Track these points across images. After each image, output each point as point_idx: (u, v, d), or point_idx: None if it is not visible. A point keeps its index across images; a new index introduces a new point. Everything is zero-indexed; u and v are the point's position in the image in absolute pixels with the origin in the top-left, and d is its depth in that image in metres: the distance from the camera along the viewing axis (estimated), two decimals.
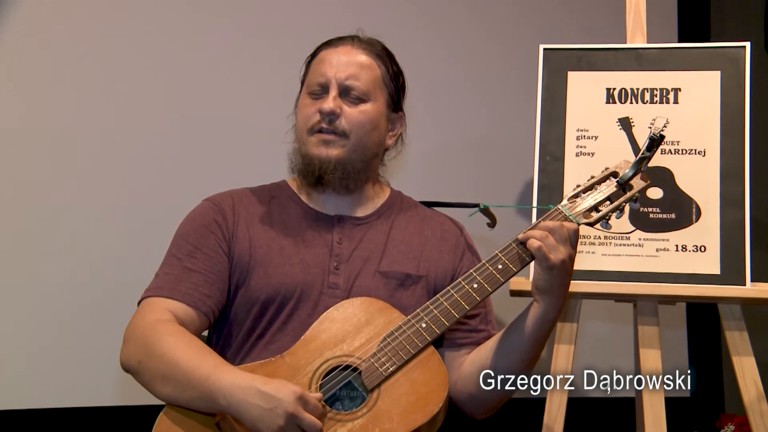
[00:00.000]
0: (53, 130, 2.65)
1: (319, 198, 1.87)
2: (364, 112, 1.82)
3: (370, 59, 1.85)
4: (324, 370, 1.64)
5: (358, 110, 1.81)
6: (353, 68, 1.82)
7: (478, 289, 1.68)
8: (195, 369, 1.60)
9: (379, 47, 1.89)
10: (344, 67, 1.82)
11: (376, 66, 1.85)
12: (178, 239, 1.82)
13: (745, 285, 2.10)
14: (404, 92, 1.93)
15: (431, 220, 1.92)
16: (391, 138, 1.90)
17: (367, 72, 1.83)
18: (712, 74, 2.21)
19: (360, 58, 1.84)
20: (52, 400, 2.59)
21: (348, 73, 1.82)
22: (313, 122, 1.81)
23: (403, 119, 1.93)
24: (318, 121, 1.81)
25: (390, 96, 1.87)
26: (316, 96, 1.83)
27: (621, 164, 1.77)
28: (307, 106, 1.83)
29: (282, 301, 1.76)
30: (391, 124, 1.89)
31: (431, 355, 1.67)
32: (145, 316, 1.71)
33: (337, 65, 1.82)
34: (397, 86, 1.89)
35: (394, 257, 1.83)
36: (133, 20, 2.75)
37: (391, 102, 1.88)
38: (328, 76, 1.81)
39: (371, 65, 1.84)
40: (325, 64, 1.83)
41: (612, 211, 1.73)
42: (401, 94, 1.91)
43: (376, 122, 1.84)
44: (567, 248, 1.64)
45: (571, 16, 3.13)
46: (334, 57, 1.83)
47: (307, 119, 1.83)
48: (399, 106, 1.91)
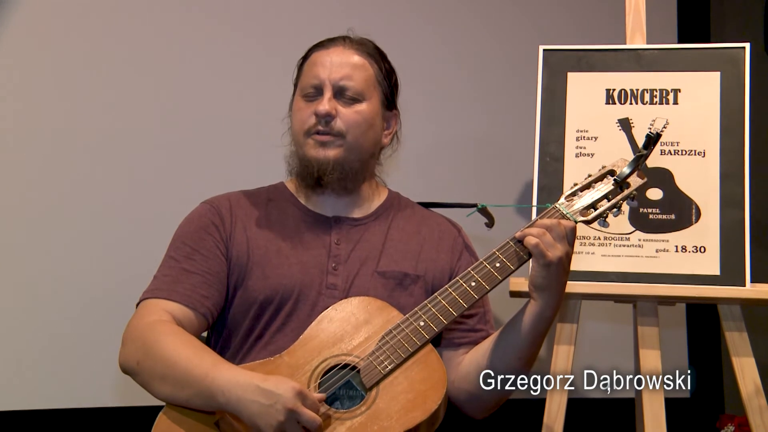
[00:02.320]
0: (52, 131, 2.65)
1: (317, 199, 1.87)
2: (359, 112, 1.82)
3: (363, 59, 1.85)
4: (323, 369, 1.64)
5: (353, 110, 1.82)
6: (346, 69, 1.83)
7: (476, 287, 1.68)
8: (193, 367, 1.60)
9: (371, 46, 1.89)
10: (337, 68, 1.82)
11: (368, 65, 1.85)
12: (176, 241, 1.83)
13: (745, 286, 2.10)
14: (398, 90, 1.93)
15: (429, 220, 1.93)
16: (387, 136, 1.91)
17: (361, 72, 1.84)
18: (711, 75, 2.22)
19: (353, 58, 1.84)
20: (52, 401, 2.59)
21: (342, 73, 1.82)
22: (309, 125, 1.82)
23: (398, 117, 1.93)
24: (314, 123, 1.81)
25: (384, 94, 1.88)
26: (310, 98, 1.83)
27: (618, 162, 1.77)
28: (302, 109, 1.84)
29: (280, 302, 1.76)
30: (386, 122, 1.90)
31: (429, 353, 1.67)
32: (143, 318, 1.72)
33: (330, 66, 1.82)
34: (391, 84, 1.90)
35: (392, 257, 1.83)
36: (131, 22, 2.75)
37: (386, 100, 1.88)
38: (322, 78, 1.82)
39: (364, 65, 1.85)
40: (318, 65, 1.84)
41: (609, 209, 1.73)
42: (395, 92, 1.92)
43: (371, 121, 1.84)
44: (564, 245, 1.65)
45: (571, 17, 3.13)
46: (327, 58, 1.84)
47: (302, 122, 1.83)
48: (393, 104, 1.92)
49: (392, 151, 1.96)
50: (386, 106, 1.89)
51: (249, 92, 2.81)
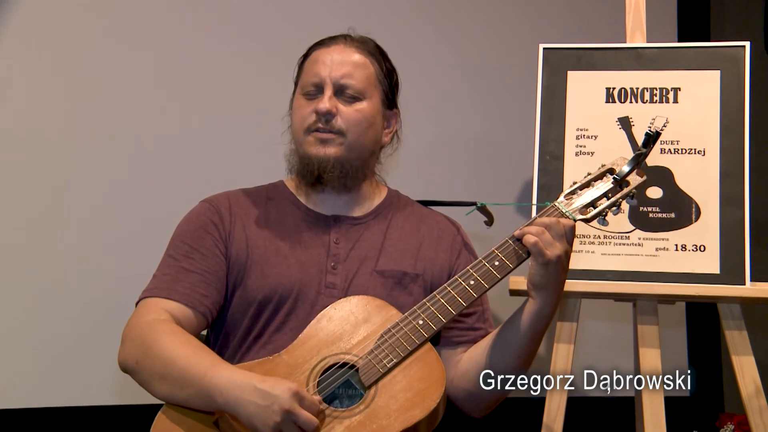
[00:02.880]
0: (52, 131, 2.65)
1: (317, 198, 1.87)
2: (359, 111, 1.82)
3: (364, 57, 1.85)
4: (321, 368, 1.64)
5: (353, 108, 1.82)
6: (347, 67, 1.82)
7: (474, 285, 1.68)
8: (192, 367, 1.60)
9: (372, 45, 1.89)
10: (338, 67, 1.82)
11: (369, 64, 1.85)
12: (175, 240, 1.82)
13: (745, 284, 2.10)
14: (398, 89, 1.93)
15: (428, 219, 1.92)
16: (387, 135, 1.91)
17: (361, 70, 1.84)
18: (711, 74, 2.21)
19: (353, 56, 1.84)
20: (51, 400, 2.59)
21: (342, 72, 1.82)
22: (309, 122, 1.82)
23: (398, 116, 1.93)
24: (314, 120, 1.81)
25: (384, 93, 1.87)
26: (310, 96, 1.83)
27: (618, 161, 1.77)
28: (303, 107, 1.84)
29: (279, 301, 1.76)
30: (386, 121, 1.90)
31: (428, 351, 1.66)
32: (142, 316, 1.72)
33: (331, 65, 1.82)
34: (391, 83, 1.90)
35: (391, 256, 1.83)
36: (132, 21, 2.75)
37: (386, 99, 1.88)
38: (323, 76, 1.82)
39: (365, 63, 1.85)
40: (319, 64, 1.83)
41: (609, 207, 1.73)
42: (395, 91, 1.92)
43: (371, 120, 1.84)
44: (563, 244, 1.64)
45: (571, 16, 3.13)
46: (328, 56, 1.84)
47: (303, 120, 1.83)
48: (394, 103, 1.92)
49: (393, 150, 1.96)
50: (386, 105, 1.89)
51: (248, 92, 2.81)
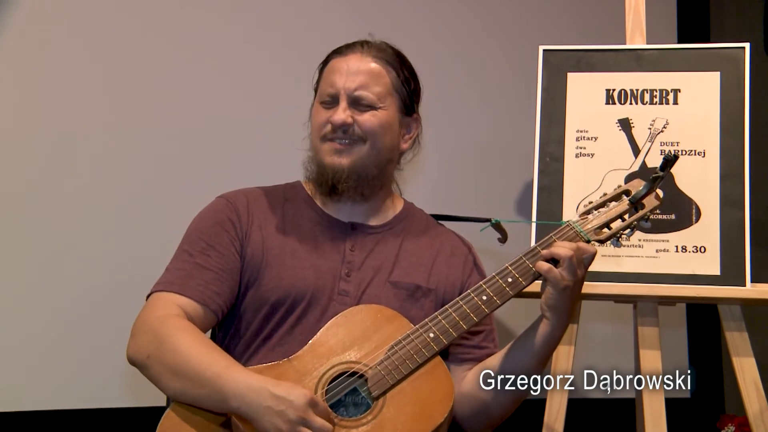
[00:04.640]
0: (55, 130, 2.65)
1: (334, 206, 1.87)
2: (375, 116, 1.82)
3: (380, 66, 1.85)
4: (330, 376, 1.64)
5: (369, 114, 1.82)
6: (362, 77, 1.82)
7: (487, 301, 1.68)
8: (207, 368, 1.59)
9: (390, 53, 1.88)
10: (353, 77, 1.82)
11: (385, 73, 1.85)
12: (191, 235, 1.81)
13: (745, 285, 2.10)
14: (418, 95, 1.93)
15: (442, 236, 1.93)
16: (406, 141, 1.91)
17: (377, 80, 1.84)
18: (711, 75, 2.22)
19: (369, 65, 1.84)
20: (57, 402, 2.59)
21: (357, 83, 1.82)
22: (325, 131, 1.83)
23: (419, 122, 1.93)
24: (330, 130, 1.82)
25: (402, 101, 1.87)
26: (327, 105, 1.84)
27: (634, 183, 1.79)
28: (320, 115, 1.84)
29: (291, 304, 1.75)
30: (405, 127, 1.90)
31: (438, 365, 1.66)
32: (154, 310, 1.70)
33: (346, 75, 1.82)
34: (410, 90, 1.89)
35: (406, 269, 1.83)
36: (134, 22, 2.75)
37: (403, 107, 1.88)
38: (338, 87, 1.82)
39: (380, 72, 1.84)
40: (335, 73, 1.84)
41: (623, 229, 1.75)
42: (414, 97, 1.91)
43: (388, 127, 1.84)
44: (582, 271, 1.66)
45: (571, 17, 3.13)
46: (344, 66, 1.84)
47: (319, 127, 1.84)
48: (413, 110, 1.91)
49: (413, 155, 1.96)
50: (404, 112, 1.89)
51: (253, 92, 2.81)
